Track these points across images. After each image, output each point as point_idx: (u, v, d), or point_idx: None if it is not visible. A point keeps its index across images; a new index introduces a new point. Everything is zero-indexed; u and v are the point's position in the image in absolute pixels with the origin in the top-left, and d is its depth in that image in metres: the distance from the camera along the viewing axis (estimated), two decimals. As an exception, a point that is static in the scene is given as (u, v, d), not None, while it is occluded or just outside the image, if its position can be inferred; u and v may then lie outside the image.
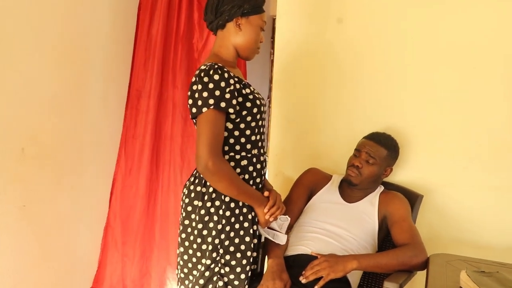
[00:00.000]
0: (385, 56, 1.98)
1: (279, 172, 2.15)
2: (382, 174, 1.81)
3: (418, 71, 1.93)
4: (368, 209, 1.76)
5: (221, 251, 1.46)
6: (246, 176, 1.50)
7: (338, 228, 1.70)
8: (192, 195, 1.49)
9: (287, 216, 1.64)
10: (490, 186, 1.83)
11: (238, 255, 1.48)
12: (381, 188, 1.83)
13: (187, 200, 1.51)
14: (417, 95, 1.93)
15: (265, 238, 1.64)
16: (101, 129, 2.38)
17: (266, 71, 3.61)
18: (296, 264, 1.60)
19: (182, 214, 1.53)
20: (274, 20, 2.23)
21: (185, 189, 1.55)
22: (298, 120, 2.14)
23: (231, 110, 1.41)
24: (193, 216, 1.48)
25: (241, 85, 1.47)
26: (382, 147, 1.77)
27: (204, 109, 1.38)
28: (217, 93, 1.38)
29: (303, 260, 1.58)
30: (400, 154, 1.85)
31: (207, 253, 1.46)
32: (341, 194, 1.82)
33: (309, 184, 1.88)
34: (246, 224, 1.49)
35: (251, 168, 1.51)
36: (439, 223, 1.89)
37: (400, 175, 1.88)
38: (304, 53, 2.10)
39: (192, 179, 1.53)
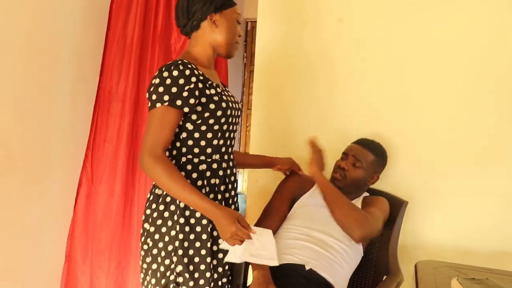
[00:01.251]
0: (367, 62, 1.97)
1: (260, 178, 2.10)
2: (368, 180, 1.79)
3: (400, 77, 1.94)
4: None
5: (174, 259, 1.37)
6: (204, 182, 1.41)
7: (321, 233, 1.66)
8: (151, 197, 1.44)
9: (265, 230, 1.47)
10: (474, 193, 1.85)
11: (191, 267, 1.37)
12: (365, 194, 1.83)
13: (147, 203, 1.45)
14: (400, 101, 1.94)
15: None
16: (70, 133, 2.27)
17: (239, 75, 3.56)
18: (283, 275, 1.54)
19: (142, 217, 1.46)
20: (247, 23, 2.19)
21: (149, 192, 1.48)
22: (278, 125, 2.10)
23: (186, 110, 1.33)
24: (149, 219, 1.42)
25: (206, 85, 1.39)
26: (370, 152, 1.77)
27: (158, 105, 1.32)
28: (174, 89, 1.31)
29: (290, 270, 1.54)
30: (385, 161, 1.84)
31: (159, 258, 1.39)
32: (325, 198, 1.79)
33: (293, 188, 1.83)
34: (204, 236, 1.38)
35: (208, 174, 1.42)
36: (424, 229, 1.90)
37: (385, 181, 1.87)
38: (284, 57, 2.07)
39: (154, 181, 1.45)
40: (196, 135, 1.40)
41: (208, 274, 1.39)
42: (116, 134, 2.28)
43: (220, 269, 1.44)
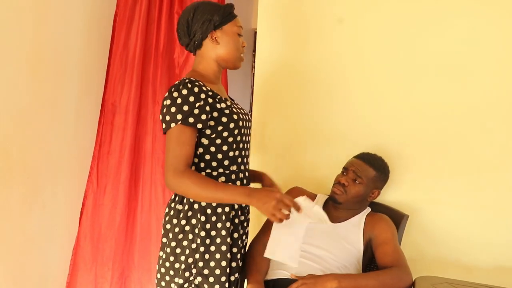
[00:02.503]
0: (368, 72, 1.95)
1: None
2: (369, 196, 1.76)
3: (401, 89, 1.91)
4: (353, 230, 1.70)
5: (194, 271, 1.42)
6: None
7: (320, 249, 1.64)
8: (172, 212, 1.47)
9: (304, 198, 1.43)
10: (476, 205, 1.81)
11: (211, 279, 1.42)
12: (368, 210, 1.79)
13: (166, 218, 1.49)
14: (402, 113, 1.91)
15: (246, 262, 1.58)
16: (74, 144, 2.30)
17: (248, 85, 3.57)
18: (276, 290, 1.53)
19: (162, 232, 1.50)
20: (255, 33, 2.20)
21: (167, 207, 1.52)
22: (279, 138, 2.08)
23: (199, 126, 1.37)
24: (170, 234, 1.45)
25: (216, 100, 1.42)
26: (371, 168, 1.73)
27: (173, 125, 1.36)
28: (185, 108, 1.35)
29: (283, 285, 1.52)
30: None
31: (180, 272, 1.43)
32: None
33: None
34: (224, 248, 1.43)
35: None
36: (424, 243, 1.86)
37: (385, 194, 1.84)
38: (286, 68, 2.06)
39: (173, 196, 1.50)
40: (212, 149, 1.43)
41: (227, 285, 1.44)
42: (119, 146, 2.32)
43: (232, 278, 1.48)
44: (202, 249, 1.41)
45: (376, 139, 1.92)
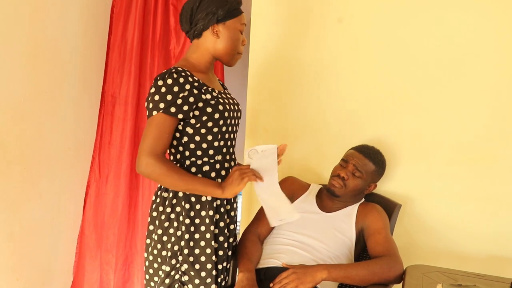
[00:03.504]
0: (363, 64, 1.94)
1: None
2: (366, 189, 1.77)
3: (394, 82, 1.89)
4: (345, 220, 1.72)
5: (180, 258, 1.45)
6: None
7: (312, 239, 1.66)
8: (158, 200, 1.50)
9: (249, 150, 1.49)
10: (469, 195, 1.80)
11: (197, 266, 1.46)
12: (361, 200, 1.80)
13: (153, 206, 1.51)
14: (394, 105, 1.90)
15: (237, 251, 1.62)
16: (73, 135, 2.33)
17: (246, 77, 3.56)
18: (267, 278, 1.57)
19: (148, 219, 1.53)
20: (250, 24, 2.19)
21: (154, 195, 1.54)
22: (273, 128, 2.09)
23: (180, 116, 1.39)
24: (156, 222, 1.48)
25: (202, 90, 1.43)
26: (371, 162, 1.73)
27: (154, 112, 1.38)
28: (169, 97, 1.37)
29: (274, 273, 1.55)
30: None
31: (167, 259, 1.46)
32: (318, 204, 1.79)
33: (287, 193, 1.81)
34: (208, 235, 1.46)
35: (213, 174, 1.49)
36: (417, 233, 1.87)
37: (378, 184, 1.84)
38: (279, 60, 2.06)
39: (159, 185, 1.53)
40: (197, 138, 1.45)
41: (214, 272, 1.47)
42: (120, 137, 2.36)
43: (220, 266, 1.51)
44: (187, 236, 1.44)
45: (369, 130, 1.92)
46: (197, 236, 1.46)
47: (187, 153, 1.47)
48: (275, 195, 1.48)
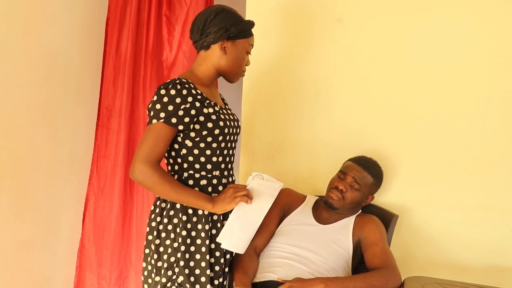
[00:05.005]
0: (358, 77, 1.94)
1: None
2: (363, 201, 1.75)
3: (389, 92, 1.89)
4: (342, 232, 1.70)
5: (176, 270, 1.44)
6: None
7: (308, 251, 1.64)
8: (157, 210, 1.50)
9: (254, 175, 1.52)
10: (466, 205, 1.80)
11: (192, 278, 1.45)
12: (359, 212, 1.78)
13: (152, 216, 1.51)
14: (390, 115, 1.90)
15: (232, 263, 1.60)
16: (67, 148, 2.30)
17: (240, 86, 3.56)
18: (263, 292, 1.54)
19: (147, 229, 1.53)
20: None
21: (152, 205, 1.54)
22: (267, 138, 2.08)
23: (181, 127, 1.39)
24: (154, 232, 1.48)
25: (204, 104, 1.43)
26: (369, 175, 1.72)
27: (154, 121, 1.38)
28: (170, 108, 1.37)
29: (271, 287, 1.52)
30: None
31: (163, 270, 1.45)
32: (315, 216, 1.77)
33: (283, 205, 1.81)
34: (203, 249, 1.46)
35: (210, 189, 1.49)
36: (415, 243, 1.86)
37: (375, 194, 1.83)
38: (275, 69, 2.05)
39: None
40: (196, 151, 1.45)
41: (208, 286, 1.46)
42: (114, 149, 2.33)
43: (216, 282, 1.50)
44: (183, 248, 1.44)
45: (365, 140, 1.92)
46: (192, 248, 1.46)
47: (185, 165, 1.47)
48: (247, 224, 1.49)
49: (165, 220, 1.46)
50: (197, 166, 1.46)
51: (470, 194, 1.79)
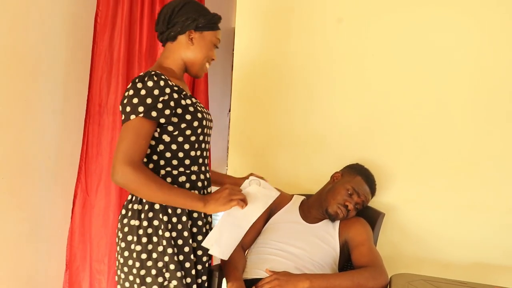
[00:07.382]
0: (347, 76, 1.94)
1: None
2: None
3: (381, 90, 1.89)
4: (328, 231, 1.73)
5: (167, 275, 1.36)
6: None
7: (296, 248, 1.67)
8: (130, 214, 1.38)
9: (250, 180, 1.49)
10: (451, 203, 1.81)
11: (188, 280, 1.39)
12: None
13: (124, 221, 1.39)
14: (379, 115, 1.90)
15: (221, 261, 1.60)
16: (54, 144, 2.30)
17: (228, 85, 3.55)
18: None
19: (118, 235, 1.41)
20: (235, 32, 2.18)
21: (123, 208, 1.43)
22: (257, 137, 2.09)
23: (162, 120, 1.32)
24: (129, 237, 1.37)
25: (181, 95, 1.38)
26: (371, 195, 1.78)
27: (132, 116, 1.29)
28: (149, 101, 1.29)
29: (261, 284, 1.55)
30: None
31: (150, 278, 1.35)
32: (302, 215, 1.79)
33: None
34: (186, 249, 1.40)
35: (188, 185, 1.42)
36: (401, 241, 1.88)
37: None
38: (264, 65, 2.05)
39: (129, 197, 1.42)
40: (174, 146, 1.39)
41: (199, 281, 1.45)
42: (109, 146, 2.35)
43: (199, 280, 1.47)
44: (170, 250, 1.35)
45: (354, 139, 1.92)
46: (175, 250, 1.37)
47: (162, 162, 1.39)
48: (238, 231, 1.43)
49: (145, 223, 1.35)
50: (174, 162, 1.40)
51: (455, 194, 1.80)
